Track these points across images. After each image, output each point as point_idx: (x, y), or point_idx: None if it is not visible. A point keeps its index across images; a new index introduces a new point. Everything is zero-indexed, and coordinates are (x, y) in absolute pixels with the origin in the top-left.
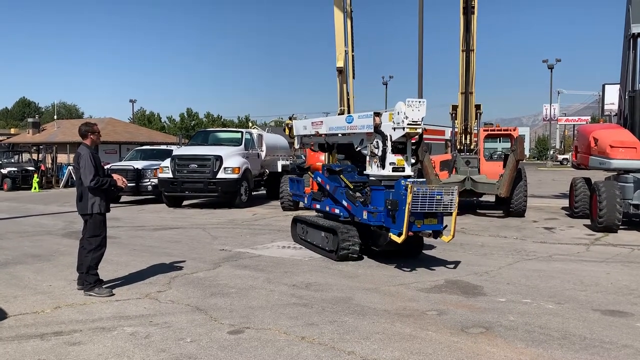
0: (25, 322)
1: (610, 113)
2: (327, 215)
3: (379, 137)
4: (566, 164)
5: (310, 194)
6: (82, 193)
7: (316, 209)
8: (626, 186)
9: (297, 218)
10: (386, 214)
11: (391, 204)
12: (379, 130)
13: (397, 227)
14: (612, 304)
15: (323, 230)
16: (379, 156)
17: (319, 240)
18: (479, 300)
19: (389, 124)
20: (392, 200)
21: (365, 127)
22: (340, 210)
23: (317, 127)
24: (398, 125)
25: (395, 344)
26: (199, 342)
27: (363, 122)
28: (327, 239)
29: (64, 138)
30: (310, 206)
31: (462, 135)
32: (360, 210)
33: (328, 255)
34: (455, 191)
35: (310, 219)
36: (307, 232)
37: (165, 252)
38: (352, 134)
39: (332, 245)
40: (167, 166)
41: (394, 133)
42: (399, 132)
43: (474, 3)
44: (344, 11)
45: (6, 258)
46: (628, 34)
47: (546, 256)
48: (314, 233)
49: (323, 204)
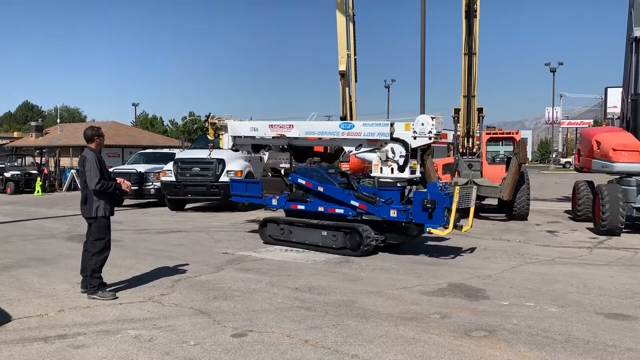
0: (30, 325)
1: (612, 116)
2: (318, 215)
3: (396, 143)
4: (569, 167)
5: (285, 196)
6: (87, 196)
7: (296, 210)
8: (629, 189)
9: (270, 219)
10: (421, 211)
11: (431, 202)
12: (398, 139)
13: (436, 222)
14: (615, 307)
15: (326, 229)
16: (396, 161)
17: (317, 239)
18: (482, 303)
19: (407, 133)
20: (431, 200)
21: (376, 135)
22: (346, 210)
23: (282, 130)
24: (421, 135)
25: (399, 347)
26: (203, 345)
27: (372, 130)
28: (335, 237)
29: (67, 141)
30: (287, 207)
31: (465, 139)
32: (385, 209)
33: (334, 252)
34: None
35: (295, 220)
36: (291, 232)
37: (169, 256)
38: (347, 140)
39: (341, 242)
40: (170, 169)
41: (415, 141)
42: (423, 140)
43: (476, 7)
44: (346, 15)
45: (10, 261)
46: (630, 37)
47: (549, 259)
48: (309, 232)
49: (311, 204)
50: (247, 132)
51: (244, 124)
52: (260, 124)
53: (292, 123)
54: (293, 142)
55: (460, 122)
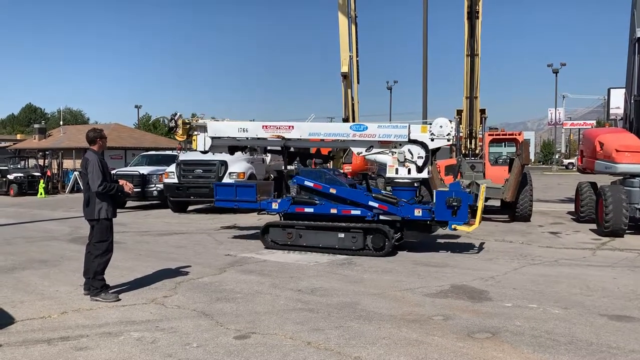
0: (33, 327)
1: (615, 117)
2: (328, 218)
3: (415, 145)
4: (572, 168)
5: (288, 199)
6: (90, 198)
7: (302, 214)
8: (632, 190)
9: (273, 224)
10: (445, 210)
11: (456, 201)
12: (416, 140)
13: (460, 219)
14: (618, 309)
15: (343, 231)
16: (414, 162)
17: (334, 242)
18: (485, 305)
19: (424, 135)
20: (457, 198)
21: (393, 137)
22: (363, 211)
23: (280, 132)
24: (439, 137)
25: (401, 349)
26: (205, 347)
27: (388, 132)
28: (355, 238)
29: (70, 144)
30: (291, 211)
31: (467, 140)
32: (409, 209)
33: (352, 253)
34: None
35: (307, 223)
36: (301, 236)
37: (171, 257)
38: (357, 141)
39: (361, 244)
40: (173, 171)
41: (432, 143)
42: (440, 142)
43: (478, 8)
44: (348, 17)
45: (13, 263)
46: (633, 38)
47: (552, 261)
48: (323, 235)
49: (322, 207)
50: (234, 133)
51: (230, 124)
52: (250, 124)
53: (293, 124)
54: (289, 143)
55: (462, 124)
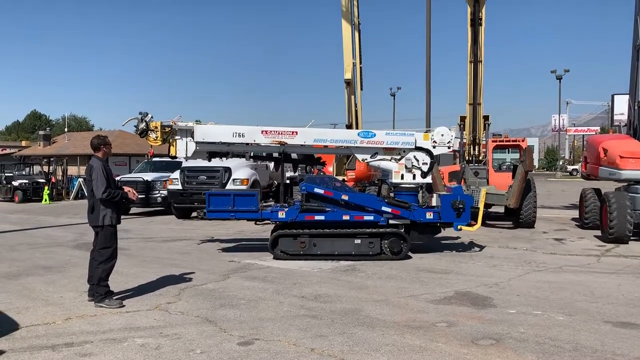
0: (37, 333)
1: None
2: (339, 225)
3: (420, 152)
4: (576, 174)
5: (297, 207)
6: (94, 205)
7: (311, 222)
8: (637, 197)
9: (283, 234)
10: (450, 212)
11: (461, 203)
12: (422, 147)
13: (464, 220)
14: (623, 316)
15: (359, 237)
16: (420, 167)
17: (349, 249)
18: (489, 311)
19: (426, 142)
20: (462, 201)
21: (400, 144)
22: (376, 217)
23: (282, 137)
24: (440, 145)
25: (405, 356)
26: (209, 354)
27: (396, 139)
28: (372, 244)
29: (75, 150)
30: (301, 219)
31: (471, 146)
32: (422, 212)
33: (370, 259)
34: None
35: (322, 231)
36: (315, 245)
37: (175, 264)
38: (363, 148)
39: (377, 249)
40: (177, 178)
41: (434, 150)
42: (442, 149)
43: (482, 15)
44: (351, 24)
45: (18, 269)
46: (636, 44)
47: (556, 267)
48: (338, 243)
49: (334, 214)
50: (229, 138)
51: (224, 128)
52: (247, 129)
53: (297, 130)
54: (289, 150)
55: (466, 130)
